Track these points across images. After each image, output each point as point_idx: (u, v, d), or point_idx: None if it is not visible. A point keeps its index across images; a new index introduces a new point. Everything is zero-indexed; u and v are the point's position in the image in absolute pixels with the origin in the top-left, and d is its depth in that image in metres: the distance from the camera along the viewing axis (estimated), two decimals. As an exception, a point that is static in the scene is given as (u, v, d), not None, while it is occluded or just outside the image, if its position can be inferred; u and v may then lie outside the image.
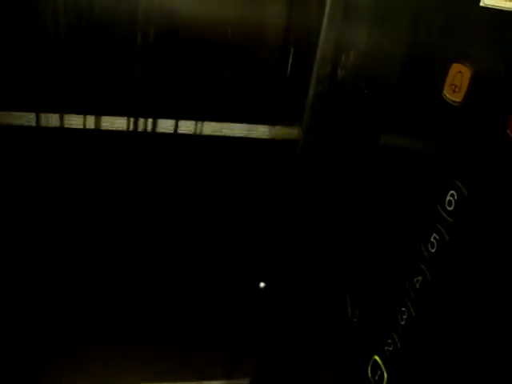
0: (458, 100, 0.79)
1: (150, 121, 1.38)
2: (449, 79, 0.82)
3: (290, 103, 1.45)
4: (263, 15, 1.39)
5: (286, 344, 1.59)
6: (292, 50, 1.46)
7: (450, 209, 0.78)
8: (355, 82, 1.27)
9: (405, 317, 0.90)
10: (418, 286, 0.86)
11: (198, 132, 1.42)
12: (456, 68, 0.80)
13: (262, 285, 1.49)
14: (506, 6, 0.68)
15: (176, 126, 1.41)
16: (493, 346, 0.70)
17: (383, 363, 0.97)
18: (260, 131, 1.47)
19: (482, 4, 0.73)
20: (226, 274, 1.60)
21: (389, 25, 1.12)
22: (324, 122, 1.38)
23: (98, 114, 1.34)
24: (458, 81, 0.79)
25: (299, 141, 1.39)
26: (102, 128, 1.35)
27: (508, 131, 0.66)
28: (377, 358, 1.00)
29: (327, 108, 1.37)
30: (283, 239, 1.38)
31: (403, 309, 0.90)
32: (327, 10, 1.24)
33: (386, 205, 1.06)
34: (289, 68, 1.47)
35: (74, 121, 1.34)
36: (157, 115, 1.38)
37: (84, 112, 1.33)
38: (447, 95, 0.82)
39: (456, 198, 0.77)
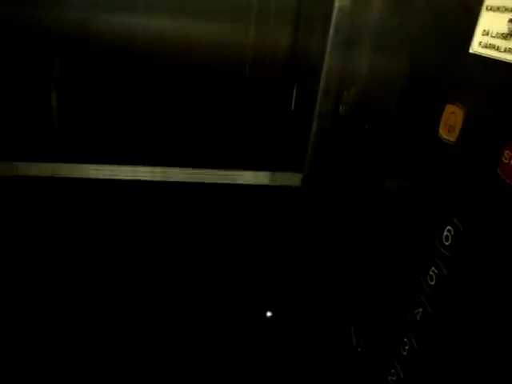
0: (453, 139, 0.82)
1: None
2: (443, 119, 0.86)
3: (292, 145, 1.50)
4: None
5: (290, 372, 1.61)
6: (296, 85, 1.51)
7: (447, 243, 0.81)
8: (356, 116, 1.31)
9: (407, 347, 0.92)
10: (418, 317, 0.89)
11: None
12: (450, 109, 0.84)
13: (268, 314, 1.51)
14: (492, 54, 0.72)
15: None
16: (493, 376, 0.72)
17: (387, 393, 0.99)
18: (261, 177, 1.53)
19: (471, 51, 0.77)
20: (234, 305, 1.62)
21: (387, 63, 1.17)
22: (327, 155, 1.42)
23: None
24: (452, 121, 0.83)
25: (303, 173, 1.43)
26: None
27: (498, 171, 0.70)
28: (381, 387, 1.01)
29: (330, 142, 1.41)
30: (289, 272, 1.41)
31: (405, 340, 0.92)
32: (328, 49, 1.30)
33: (386, 240, 1.09)
34: (293, 103, 1.52)
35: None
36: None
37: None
38: (442, 134, 0.86)
39: (452, 233, 0.80)
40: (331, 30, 1.29)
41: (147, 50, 1.35)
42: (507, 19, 0.70)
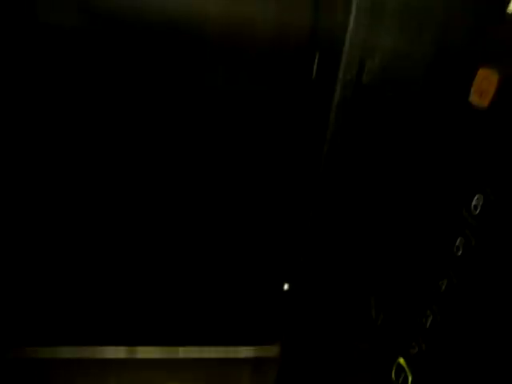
0: (485, 105, 0.79)
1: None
2: (476, 84, 0.82)
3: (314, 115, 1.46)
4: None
5: (308, 347, 1.60)
6: (317, 55, 1.47)
7: (476, 213, 0.79)
8: (381, 85, 1.27)
9: (430, 320, 0.90)
10: (443, 288, 0.87)
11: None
12: (483, 73, 0.80)
13: (286, 287, 1.50)
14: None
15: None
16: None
17: (407, 366, 0.97)
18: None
19: (508, 11, 0.74)
20: (252, 278, 1.61)
21: (415, 28, 1.13)
22: (349, 126, 1.39)
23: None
24: (485, 85, 0.80)
25: (325, 145, 1.40)
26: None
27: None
28: (401, 360, 1.00)
29: (352, 113, 1.38)
30: (308, 242, 1.39)
31: (428, 312, 0.91)
32: (353, 14, 1.26)
33: (412, 209, 1.07)
34: (314, 73, 1.48)
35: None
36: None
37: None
38: (474, 100, 0.82)
39: (482, 202, 0.77)
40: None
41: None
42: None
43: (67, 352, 1.59)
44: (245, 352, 1.74)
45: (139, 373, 1.63)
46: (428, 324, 0.90)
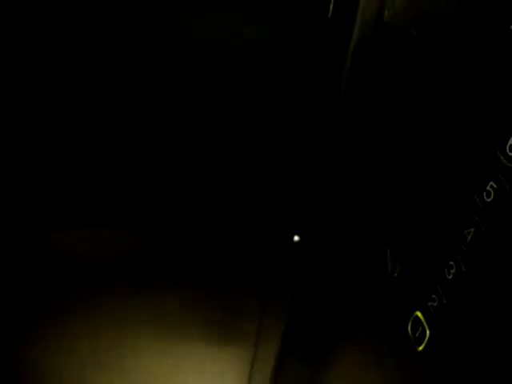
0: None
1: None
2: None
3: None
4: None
5: (319, 300, 1.57)
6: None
7: (511, 154, 0.71)
8: (404, 24, 1.18)
9: (452, 271, 0.84)
10: (469, 238, 0.80)
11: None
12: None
13: (296, 238, 1.45)
14: None
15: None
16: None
17: (425, 319, 0.92)
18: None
19: None
20: (260, 228, 1.55)
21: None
22: (368, 68, 1.30)
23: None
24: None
25: (341, 89, 1.32)
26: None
27: None
28: (419, 314, 0.95)
29: (372, 56, 1.30)
30: (319, 190, 1.32)
31: (451, 263, 0.84)
32: None
33: (436, 152, 0.99)
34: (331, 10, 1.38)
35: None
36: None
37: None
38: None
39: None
40: None
41: None
42: None
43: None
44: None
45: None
46: (451, 276, 0.84)
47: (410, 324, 0.97)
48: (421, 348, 0.93)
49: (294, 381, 1.88)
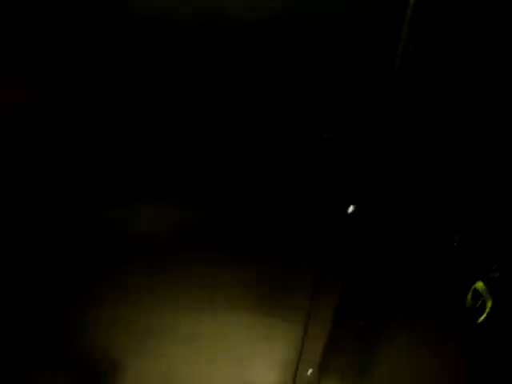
0: None
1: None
2: None
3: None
4: None
5: (373, 274, 1.54)
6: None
7: None
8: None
9: (517, 240, 0.80)
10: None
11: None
12: None
13: (351, 209, 1.42)
14: None
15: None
16: None
17: (487, 290, 0.89)
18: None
19: None
20: (316, 198, 1.53)
21: None
22: (426, 31, 1.25)
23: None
24: None
25: (398, 51, 1.27)
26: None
27: None
28: (479, 284, 0.92)
29: (429, 13, 1.23)
30: (374, 160, 1.29)
31: (515, 232, 0.81)
32: None
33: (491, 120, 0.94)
34: None
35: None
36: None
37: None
38: None
39: None
40: None
41: None
42: None
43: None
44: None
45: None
46: (514, 245, 0.81)
47: (469, 295, 0.94)
48: (481, 319, 0.90)
49: (346, 354, 1.88)
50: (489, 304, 0.87)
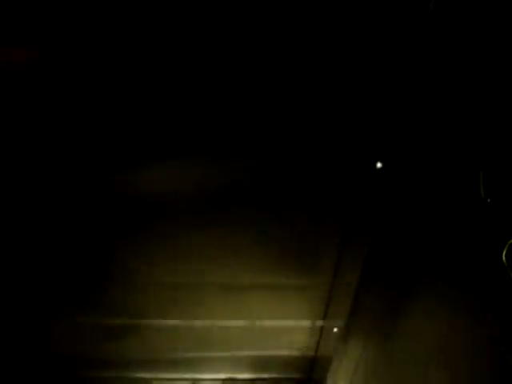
0: None
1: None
2: None
3: None
4: None
5: (401, 231, 1.50)
6: None
7: None
8: None
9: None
10: None
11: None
12: None
13: (378, 165, 1.37)
14: None
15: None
16: None
17: (524, 246, 0.85)
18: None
19: None
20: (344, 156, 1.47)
21: None
22: None
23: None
24: None
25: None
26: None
27: None
28: (515, 241, 0.87)
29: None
30: (405, 111, 1.23)
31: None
32: None
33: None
34: None
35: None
36: None
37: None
38: None
39: None
40: None
41: None
42: None
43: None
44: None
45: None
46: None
47: (504, 252, 0.90)
48: (517, 276, 0.86)
49: (371, 316, 1.87)
50: (526, 260, 0.83)
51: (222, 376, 2.68)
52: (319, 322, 2.13)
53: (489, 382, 1.00)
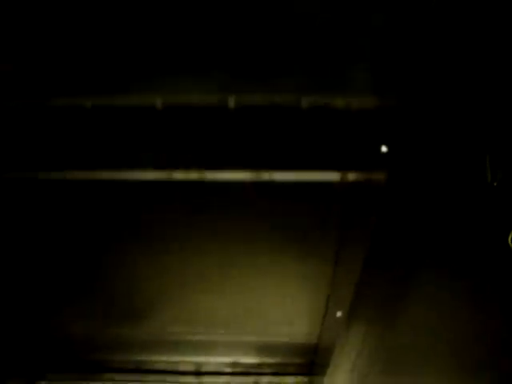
0: None
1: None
2: None
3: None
4: None
5: (406, 215, 1.48)
6: None
7: None
8: None
9: None
10: None
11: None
12: None
13: (384, 149, 1.35)
14: None
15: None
16: None
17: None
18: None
19: None
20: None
21: None
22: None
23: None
24: None
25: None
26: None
27: None
28: (522, 224, 0.86)
29: None
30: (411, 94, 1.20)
31: None
32: None
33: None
34: None
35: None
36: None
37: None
38: None
39: None
40: None
41: None
42: None
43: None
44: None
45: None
46: None
47: (510, 236, 0.88)
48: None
49: (375, 300, 1.86)
50: (532, 245, 0.82)
51: (226, 360, 2.69)
52: (322, 309, 2.13)
53: (490, 369, 1.00)
